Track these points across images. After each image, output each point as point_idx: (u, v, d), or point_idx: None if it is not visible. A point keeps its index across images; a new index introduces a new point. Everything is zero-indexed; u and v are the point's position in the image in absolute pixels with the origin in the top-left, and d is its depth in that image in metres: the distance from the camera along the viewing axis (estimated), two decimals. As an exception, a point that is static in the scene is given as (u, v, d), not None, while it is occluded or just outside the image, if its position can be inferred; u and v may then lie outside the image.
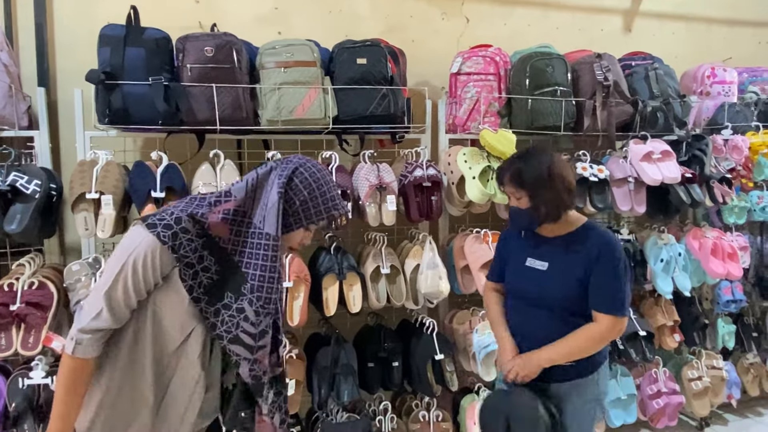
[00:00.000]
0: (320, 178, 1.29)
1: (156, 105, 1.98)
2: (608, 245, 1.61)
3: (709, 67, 2.98)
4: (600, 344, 1.63)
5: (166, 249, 1.17)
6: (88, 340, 1.16)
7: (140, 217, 1.24)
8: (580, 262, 1.62)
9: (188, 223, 1.20)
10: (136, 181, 2.01)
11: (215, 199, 1.25)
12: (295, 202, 1.26)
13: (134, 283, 1.17)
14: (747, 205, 2.89)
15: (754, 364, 3.12)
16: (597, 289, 1.61)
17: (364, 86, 2.18)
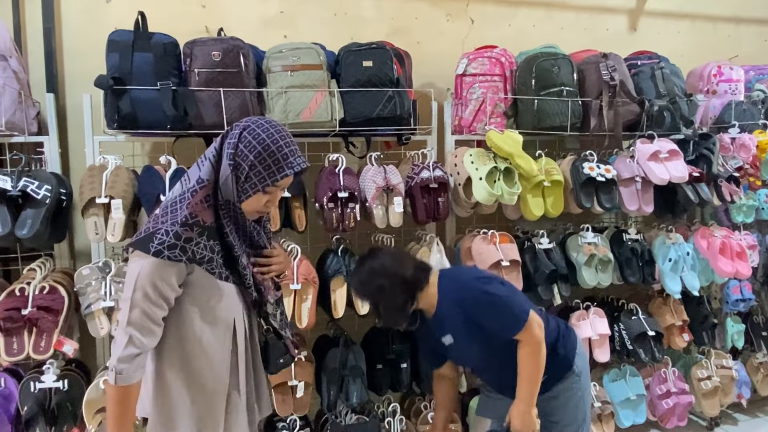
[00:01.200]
0: (267, 138, 1.26)
1: (164, 109, 1.99)
2: (462, 292, 1.66)
3: (715, 66, 2.97)
4: (541, 352, 1.63)
5: (171, 265, 1.23)
6: (128, 368, 1.22)
7: (133, 243, 1.26)
8: (465, 323, 1.66)
9: (186, 231, 1.24)
10: (145, 185, 2.02)
11: (191, 191, 1.27)
12: (244, 168, 1.26)
13: (152, 305, 1.22)
14: (755, 204, 2.88)
15: (764, 363, 3.10)
16: (494, 325, 1.64)
17: (370, 88, 2.19)
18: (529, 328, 1.61)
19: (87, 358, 2.28)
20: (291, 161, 1.28)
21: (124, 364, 1.21)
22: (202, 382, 1.33)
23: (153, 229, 1.24)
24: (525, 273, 2.44)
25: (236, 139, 1.26)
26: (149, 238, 1.23)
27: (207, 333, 1.32)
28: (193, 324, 1.30)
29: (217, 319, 1.32)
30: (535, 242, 2.52)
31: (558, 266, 2.45)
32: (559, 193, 2.47)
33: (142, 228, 1.29)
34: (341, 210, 2.20)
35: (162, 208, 1.31)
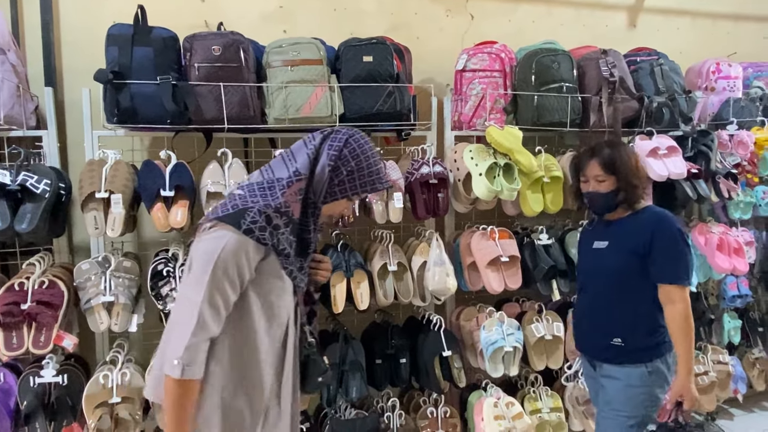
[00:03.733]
0: (368, 150, 1.30)
1: (164, 104, 1.99)
2: (663, 220, 1.75)
3: (714, 63, 2.97)
4: (690, 317, 1.72)
5: (256, 246, 1.19)
6: (195, 358, 1.14)
7: (220, 217, 1.19)
8: (637, 237, 1.74)
9: (278, 218, 1.21)
10: (145, 180, 2.02)
11: (287, 180, 1.25)
12: (342, 171, 1.27)
13: (229, 285, 1.16)
14: (752, 201, 2.89)
15: (760, 359, 3.12)
16: (658, 261, 1.72)
17: (370, 84, 2.19)
18: (683, 290, 1.71)
19: (86, 352, 2.28)
20: (382, 177, 1.33)
21: (191, 353, 1.12)
22: (248, 381, 1.25)
23: (243, 206, 1.19)
24: (524, 269, 2.45)
25: (342, 143, 1.28)
26: (240, 214, 1.18)
27: (262, 329, 1.25)
28: (253, 315, 1.23)
29: (274, 316, 1.26)
30: (534, 238, 2.53)
31: (557, 262, 2.46)
32: (558, 189, 2.48)
33: (223, 205, 1.23)
34: (341, 205, 2.20)
35: (246, 188, 1.26)
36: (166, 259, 2.05)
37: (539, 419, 2.45)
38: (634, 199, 1.78)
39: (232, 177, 2.07)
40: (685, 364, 1.71)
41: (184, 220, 1.98)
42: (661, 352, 1.77)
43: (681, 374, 1.72)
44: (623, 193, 1.75)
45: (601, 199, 1.79)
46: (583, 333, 1.92)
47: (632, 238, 1.76)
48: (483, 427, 2.35)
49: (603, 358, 1.83)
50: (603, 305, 1.83)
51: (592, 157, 1.78)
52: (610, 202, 1.78)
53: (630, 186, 1.75)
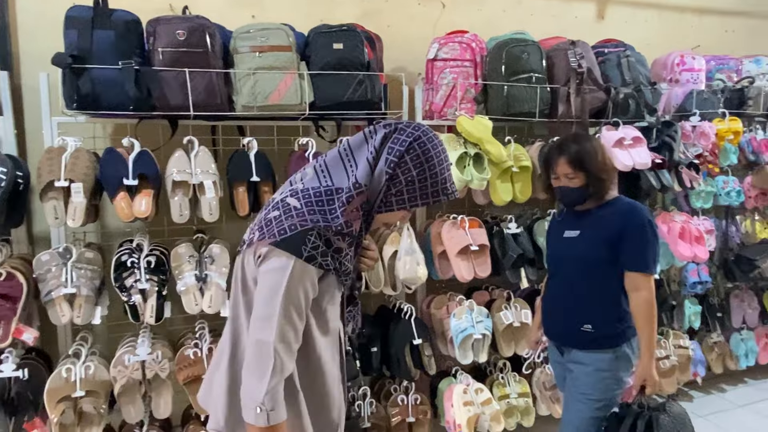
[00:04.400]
0: (435, 157, 1.13)
1: (126, 90, 1.92)
2: (635, 210, 1.80)
3: (678, 55, 3.04)
4: (654, 305, 1.78)
5: (318, 271, 1.08)
6: (278, 401, 1.05)
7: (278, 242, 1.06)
8: (608, 227, 1.79)
9: (340, 241, 1.10)
10: (107, 168, 1.96)
11: (347, 195, 1.11)
12: (401, 181, 1.12)
13: (298, 317, 1.07)
14: (713, 190, 2.99)
15: (718, 343, 3.25)
16: (627, 250, 1.76)
17: (340, 72, 2.16)
18: (649, 278, 1.77)
19: (48, 346, 2.21)
20: (447, 188, 1.16)
21: (272, 399, 1.03)
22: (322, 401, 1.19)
23: (302, 226, 1.07)
24: (493, 257, 2.48)
25: (404, 148, 1.11)
26: (302, 238, 1.06)
27: (323, 344, 1.17)
28: (313, 333, 1.15)
29: (329, 329, 1.19)
30: (503, 227, 2.56)
31: (525, 250, 2.49)
32: (527, 178, 2.51)
33: (278, 222, 1.09)
34: (311, 195, 2.18)
35: (302, 199, 1.11)
36: (130, 250, 2.00)
37: (507, 404, 2.50)
38: (602, 193, 1.81)
39: (199, 165, 2.03)
40: (648, 350, 1.77)
41: (148, 210, 1.94)
42: (627, 337, 1.82)
43: (644, 359, 1.77)
44: (592, 187, 1.79)
45: (572, 194, 1.82)
46: (553, 320, 1.95)
47: (604, 227, 1.80)
48: (453, 413, 2.39)
49: (572, 343, 1.87)
50: (573, 293, 1.86)
51: (561, 155, 1.80)
52: (581, 196, 1.82)
53: (598, 180, 1.78)
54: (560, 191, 1.85)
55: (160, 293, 2.00)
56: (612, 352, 1.79)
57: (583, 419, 1.82)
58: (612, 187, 1.84)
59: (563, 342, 1.91)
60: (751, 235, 3.29)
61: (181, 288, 2.02)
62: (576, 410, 1.85)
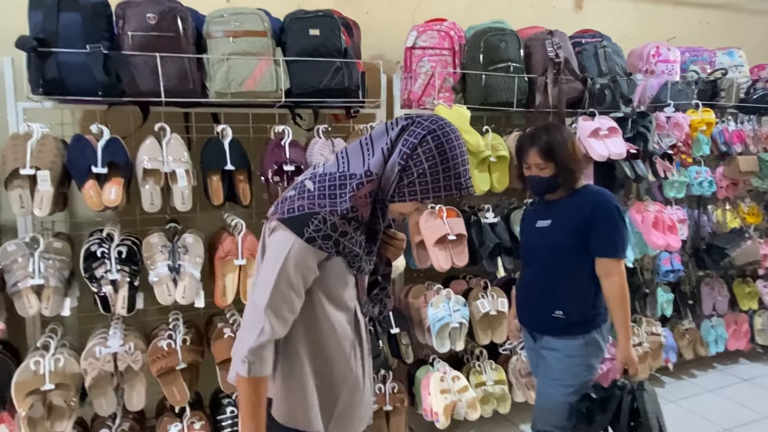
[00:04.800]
0: (449, 151, 1.15)
1: (95, 75, 1.87)
2: (602, 197, 1.83)
3: (654, 46, 3.07)
4: (626, 289, 1.81)
5: (319, 253, 1.15)
6: (260, 359, 1.14)
7: (285, 220, 1.14)
8: (577, 214, 1.82)
9: (344, 225, 1.15)
10: (75, 155, 1.91)
11: (357, 182, 1.16)
12: (413, 172, 1.15)
13: (293, 291, 1.14)
14: (686, 180, 3.04)
15: (689, 330, 3.32)
16: (597, 236, 1.79)
17: (317, 58, 2.13)
18: (619, 263, 1.80)
19: (16, 338, 2.15)
20: (461, 182, 1.17)
21: (255, 355, 1.13)
22: (333, 371, 1.26)
23: (309, 209, 1.13)
24: (471, 246, 2.49)
25: (418, 140, 1.14)
26: (305, 220, 1.13)
27: (336, 317, 1.24)
28: (324, 308, 1.22)
29: (342, 306, 1.25)
30: (480, 216, 2.57)
31: (502, 240, 2.51)
32: (504, 168, 2.52)
33: (290, 201, 1.17)
34: (287, 184, 2.15)
35: (317, 182, 1.18)
36: (100, 240, 1.95)
37: (484, 391, 2.53)
38: (571, 183, 1.84)
39: (171, 153, 1.98)
40: (625, 333, 1.80)
41: (118, 199, 1.89)
42: (598, 323, 1.85)
43: (622, 343, 1.80)
44: (561, 177, 1.81)
45: (542, 183, 1.84)
46: (526, 307, 1.98)
47: (573, 216, 1.83)
48: (430, 401, 2.40)
49: (544, 330, 1.89)
50: (545, 281, 1.88)
51: (532, 145, 1.82)
52: (550, 185, 1.84)
53: (567, 171, 1.80)
54: (531, 180, 1.87)
55: (131, 284, 1.96)
56: (582, 338, 1.82)
57: (554, 404, 1.85)
58: (581, 177, 1.86)
59: (536, 329, 1.94)
60: (722, 224, 3.36)
61: (153, 278, 1.98)
62: (547, 395, 1.88)
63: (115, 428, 2.08)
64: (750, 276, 3.53)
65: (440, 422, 2.36)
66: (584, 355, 1.83)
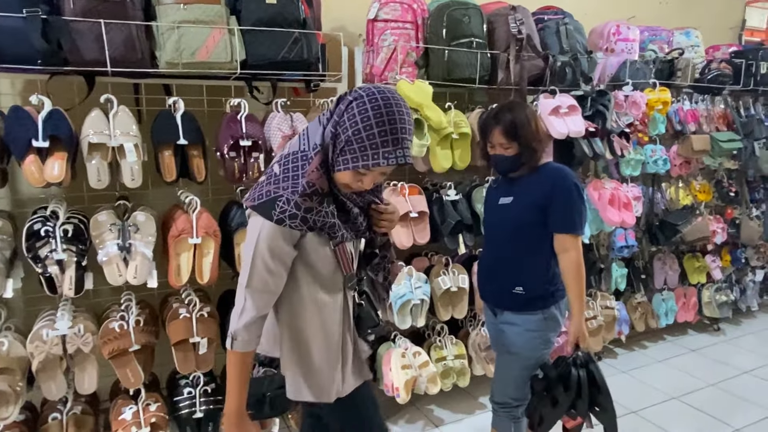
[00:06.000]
0: (373, 117, 1.12)
1: (32, 42, 1.74)
2: (562, 174, 1.84)
3: (614, 25, 3.10)
4: (582, 264, 1.83)
5: (291, 232, 1.20)
6: (244, 335, 1.22)
7: (255, 207, 1.20)
8: (538, 191, 1.83)
9: (306, 201, 1.18)
10: (13, 128, 1.79)
11: (309, 157, 1.20)
12: (341, 140, 1.16)
13: (268, 271, 1.21)
14: (642, 158, 3.11)
15: (641, 303, 3.45)
16: (555, 212, 1.81)
17: (274, 29, 2.04)
18: (576, 239, 1.82)
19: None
20: (389, 151, 1.13)
21: (241, 331, 1.22)
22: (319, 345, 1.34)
23: (274, 194, 1.19)
24: (432, 224, 2.49)
25: (345, 106, 1.16)
26: (271, 204, 1.18)
27: (320, 293, 1.31)
28: (307, 285, 1.30)
29: (327, 281, 1.32)
30: (442, 194, 2.56)
31: (463, 217, 2.52)
32: (466, 145, 2.51)
33: (259, 187, 1.22)
34: (244, 159, 2.09)
35: (282, 165, 1.22)
36: (44, 218, 1.85)
37: (444, 366, 2.56)
38: (534, 161, 1.85)
39: (118, 127, 1.88)
40: (579, 308, 1.84)
41: (62, 175, 1.79)
42: (556, 299, 1.88)
43: (576, 317, 1.84)
44: (524, 156, 1.82)
45: (506, 162, 1.85)
46: (487, 283, 2.00)
47: (534, 192, 1.84)
48: (391, 376, 2.42)
49: (504, 305, 1.92)
50: (506, 257, 1.91)
51: (496, 125, 1.82)
52: (514, 164, 1.85)
53: (530, 150, 1.81)
54: (495, 159, 1.87)
55: (79, 264, 1.87)
56: (542, 313, 1.85)
57: (512, 376, 1.89)
58: (543, 156, 1.87)
59: (497, 304, 1.96)
60: (675, 201, 3.48)
61: (102, 258, 1.90)
62: (506, 368, 1.92)
63: (66, 412, 2.01)
64: (700, 251, 3.68)
65: (401, 397, 2.38)
66: (543, 329, 1.87)
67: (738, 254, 3.80)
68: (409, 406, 2.64)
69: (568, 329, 1.88)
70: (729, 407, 2.77)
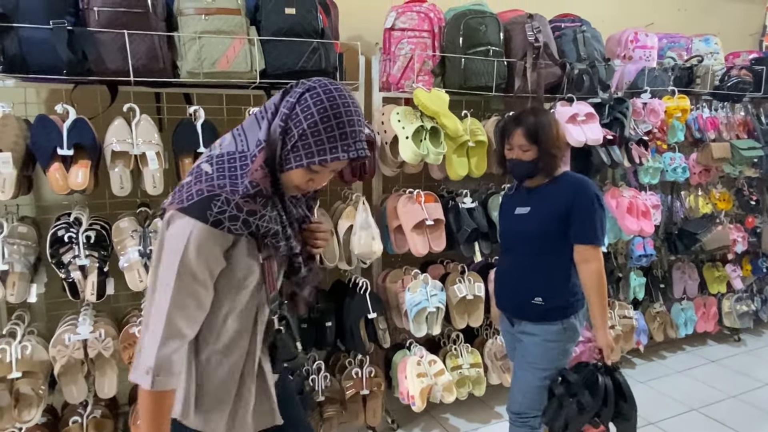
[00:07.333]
0: (330, 108, 1.04)
1: (59, 52, 1.79)
2: (582, 185, 1.83)
3: (632, 32, 3.08)
4: (603, 275, 1.82)
5: (226, 236, 1.05)
6: (167, 369, 1.02)
7: (185, 208, 1.03)
8: (558, 202, 1.81)
9: (248, 203, 1.04)
10: (39, 136, 1.83)
11: (252, 155, 1.07)
12: (293, 135, 1.05)
13: (197, 282, 1.04)
14: (660, 166, 3.08)
15: (660, 313, 3.40)
16: (576, 223, 1.79)
17: (293, 38, 2.07)
18: (597, 250, 1.81)
19: (-19, 325, 2.10)
20: (348, 143, 1.06)
21: (162, 364, 1.01)
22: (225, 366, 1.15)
23: (209, 191, 1.03)
24: (448, 231, 2.49)
25: (296, 99, 1.06)
26: (206, 203, 1.02)
27: (234, 321, 1.13)
28: (228, 303, 1.12)
29: (250, 300, 1.14)
30: (458, 201, 2.56)
31: (479, 225, 2.51)
32: (482, 153, 2.51)
33: (188, 187, 1.05)
34: (262, 167, 2.11)
35: (215, 164, 1.08)
36: (67, 224, 1.89)
37: (460, 375, 2.55)
38: (551, 168, 1.83)
39: (140, 135, 1.92)
40: (602, 320, 1.82)
41: (86, 182, 1.83)
42: (576, 309, 1.87)
43: (601, 328, 1.82)
44: (542, 162, 1.81)
45: (523, 167, 1.84)
46: (504, 293, 1.99)
47: (553, 203, 1.83)
48: (406, 384, 2.42)
49: (523, 316, 1.90)
50: (524, 267, 1.89)
51: (518, 126, 1.81)
52: (531, 169, 1.84)
53: (549, 156, 1.80)
54: (512, 163, 1.86)
55: (101, 269, 1.91)
56: (561, 323, 1.84)
57: (530, 387, 1.88)
58: (562, 165, 1.86)
59: (514, 314, 1.95)
60: (694, 210, 3.43)
61: (123, 264, 1.93)
62: (524, 379, 1.91)
63: (86, 416, 2.04)
64: (719, 260, 3.62)
65: (416, 405, 2.38)
66: (562, 340, 1.85)
67: (759, 263, 3.73)
68: (425, 414, 2.63)
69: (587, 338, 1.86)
70: (750, 419, 2.71)
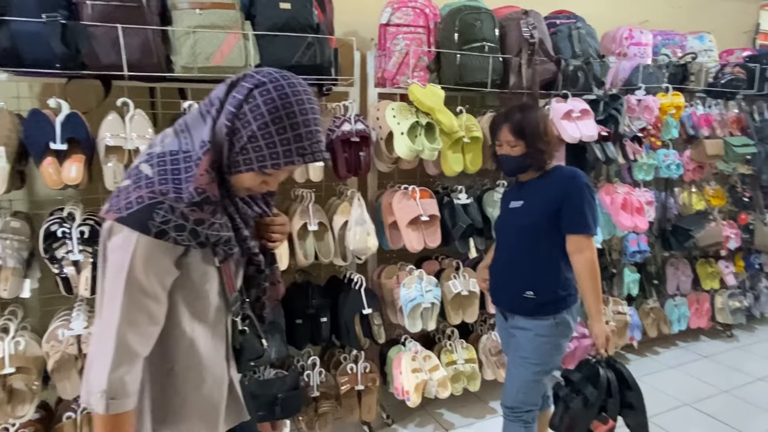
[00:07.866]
0: (282, 107, 0.95)
1: (52, 46, 1.77)
2: (573, 176, 1.84)
3: (627, 29, 3.09)
4: (597, 264, 1.82)
5: (174, 247, 0.98)
6: (121, 390, 0.95)
7: (123, 218, 0.94)
8: (550, 194, 1.83)
9: (194, 212, 0.96)
10: (32, 131, 1.82)
11: (196, 158, 0.97)
12: (242, 136, 0.96)
13: (147, 296, 0.97)
14: (654, 163, 3.09)
15: (654, 309, 3.42)
16: (568, 213, 1.80)
17: (288, 33, 2.07)
18: (590, 239, 1.81)
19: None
20: (303, 146, 0.96)
21: (115, 386, 0.94)
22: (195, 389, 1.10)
23: (150, 199, 0.94)
24: (443, 227, 2.49)
25: (243, 96, 0.96)
26: (148, 212, 0.93)
27: (201, 322, 1.08)
28: (186, 313, 1.05)
29: (210, 306, 1.08)
30: (453, 197, 2.57)
31: (474, 221, 2.52)
32: (477, 149, 2.51)
33: (126, 192, 0.96)
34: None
35: (156, 165, 0.98)
36: (61, 219, 1.88)
37: (454, 370, 2.56)
38: (541, 163, 1.85)
39: (134, 130, 1.91)
40: (597, 309, 1.82)
41: (79, 177, 1.82)
42: (568, 304, 1.87)
43: (596, 318, 1.83)
44: (530, 157, 1.82)
45: (511, 162, 1.86)
46: (498, 287, 2.00)
47: (545, 196, 1.84)
48: (401, 380, 2.43)
49: (515, 310, 1.91)
50: (517, 261, 1.90)
51: (505, 123, 1.83)
52: (520, 165, 1.85)
53: (537, 151, 1.81)
54: (502, 159, 1.88)
55: (95, 264, 1.90)
56: (553, 318, 1.85)
57: (523, 382, 1.89)
58: (552, 159, 1.87)
59: (508, 308, 1.96)
60: (688, 206, 3.45)
61: (118, 259, 1.92)
62: (517, 373, 1.92)
63: (80, 411, 2.03)
64: (713, 257, 3.65)
65: (411, 401, 2.38)
66: (554, 335, 1.86)
67: (752, 260, 3.76)
68: (419, 409, 2.64)
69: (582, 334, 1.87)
70: (742, 414, 2.73)
